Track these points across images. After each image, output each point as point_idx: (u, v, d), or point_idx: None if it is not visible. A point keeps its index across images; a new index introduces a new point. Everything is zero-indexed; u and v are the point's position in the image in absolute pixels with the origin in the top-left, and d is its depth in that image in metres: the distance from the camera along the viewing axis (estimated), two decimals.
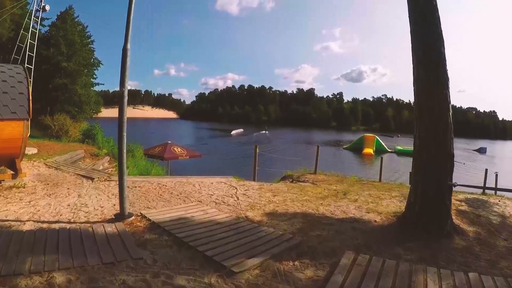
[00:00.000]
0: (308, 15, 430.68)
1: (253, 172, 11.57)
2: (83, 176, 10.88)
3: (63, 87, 39.41)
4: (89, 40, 51.12)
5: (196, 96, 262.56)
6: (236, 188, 9.39)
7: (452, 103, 6.70)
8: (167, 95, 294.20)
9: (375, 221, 6.82)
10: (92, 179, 10.44)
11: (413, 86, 6.73)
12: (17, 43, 16.38)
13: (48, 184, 9.61)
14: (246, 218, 6.58)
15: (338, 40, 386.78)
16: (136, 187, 9.35)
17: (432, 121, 6.34)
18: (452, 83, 6.69)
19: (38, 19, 16.70)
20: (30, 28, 16.37)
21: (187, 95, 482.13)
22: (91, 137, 23.18)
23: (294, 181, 11.57)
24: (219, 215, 6.59)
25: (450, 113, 6.45)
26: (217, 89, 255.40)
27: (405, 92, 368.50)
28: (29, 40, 16.55)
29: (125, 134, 6.32)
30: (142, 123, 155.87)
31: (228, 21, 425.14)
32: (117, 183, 6.49)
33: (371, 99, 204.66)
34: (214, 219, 6.30)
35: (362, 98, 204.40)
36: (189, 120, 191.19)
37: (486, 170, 16.58)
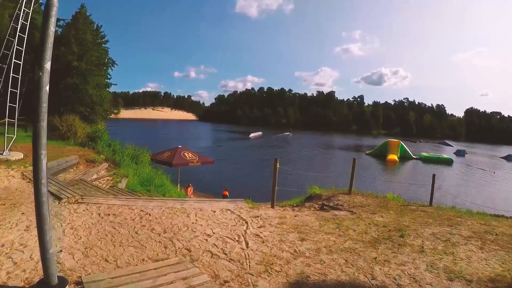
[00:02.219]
0: (328, 17, 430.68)
1: (271, 194, 8.73)
2: (52, 194, 8.42)
3: (73, 87, 37.69)
4: (103, 40, 49.58)
5: (215, 98, 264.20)
6: (246, 222, 6.63)
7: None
8: (186, 97, 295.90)
9: None
10: (60, 199, 7.96)
11: None
12: (7, 36, 14.13)
13: (4, 205, 7.31)
14: None
15: (358, 42, 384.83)
16: (109, 215, 6.81)
17: None
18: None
19: (30, 10, 14.31)
20: (20, 20, 14.06)
21: (206, 97, 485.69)
22: (95, 140, 20.80)
23: (325, 207, 8.76)
24: None
25: None
26: (236, 91, 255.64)
27: (427, 96, 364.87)
28: (18, 34, 14.24)
29: (44, 152, 3.59)
30: (161, 125, 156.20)
31: (248, 24, 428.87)
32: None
33: (393, 103, 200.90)
34: None
35: (383, 102, 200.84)
36: (208, 122, 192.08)
37: None
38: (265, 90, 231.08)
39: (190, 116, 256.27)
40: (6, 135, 13.91)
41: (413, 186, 28.58)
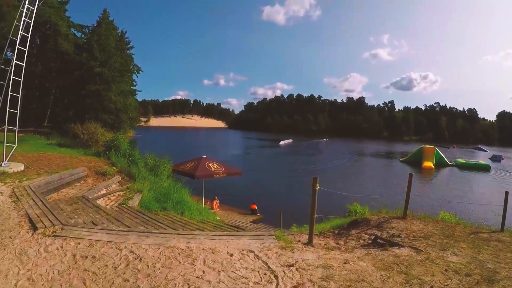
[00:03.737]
0: (356, 22, 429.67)
1: (309, 225, 6.54)
2: (30, 221, 6.71)
3: (96, 94, 36.76)
4: (128, 46, 48.80)
5: (244, 106, 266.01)
6: (276, 276, 4.50)
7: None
8: (216, 104, 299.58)
9: None
10: (35, 228, 6.21)
11: None
12: (10, 36, 12.68)
13: None
14: None
15: (387, 47, 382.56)
16: (87, 258, 4.97)
17: None
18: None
19: (35, 7, 12.84)
20: (23, 18, 12.60)
21: (236, 105, 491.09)
22: (114, 149, 19.09)
23: (379, 241, 6.58)
24: None
25: None
26: (266, 98, 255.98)
27: (458, 100, 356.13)
28: (21, 32, 12.78)
29: None
30: (191, 132, 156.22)
31: (275, 31, 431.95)
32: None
33: (423, 108, 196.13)
34: None
35: (414, 107, 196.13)
36: (237, 129, 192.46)
37: None
38: (294, 97, 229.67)
39: (219, 123, 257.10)
40: (5, 144, 12.39)
41: (463, 199, 26.11)
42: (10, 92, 12.53)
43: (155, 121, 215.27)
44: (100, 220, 8.28)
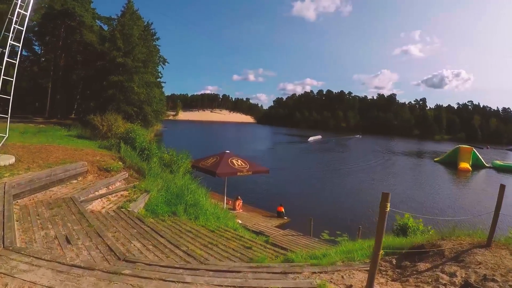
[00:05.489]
0: (387, 18, 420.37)
1: (370, 268, 4.18)
2: None
3: (118, 85, 35.34)
4: (154, 37, 47.58)
5: (273, 101, 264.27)
6: None
7: None
8: (245, 99, 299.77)
9: None
10: None
11: None
12: (9, 16, 11.03)
13: None
14: None
15: (418, 43, 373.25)
16: None
17: None
18: None
19: None
20: None
21: (265, 100, 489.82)
22: (127, 141, 17.18)
23: None
24: None
25: None
26: (295, 94, 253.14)
27: (491, 99, 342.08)
28: (18, 10, 11.13)
29: None
30: (219, 127, 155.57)
31: (305, 27, 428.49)
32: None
33: (456, 106, 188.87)
34: None
35: (446, 105, 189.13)
36: (266, 124, 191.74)
37: None
38: (324, 93, 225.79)
39: (248, 118, 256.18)
40: None
41: None
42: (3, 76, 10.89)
43: (183, 115, 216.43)
44: (77, 234, 6.33)
